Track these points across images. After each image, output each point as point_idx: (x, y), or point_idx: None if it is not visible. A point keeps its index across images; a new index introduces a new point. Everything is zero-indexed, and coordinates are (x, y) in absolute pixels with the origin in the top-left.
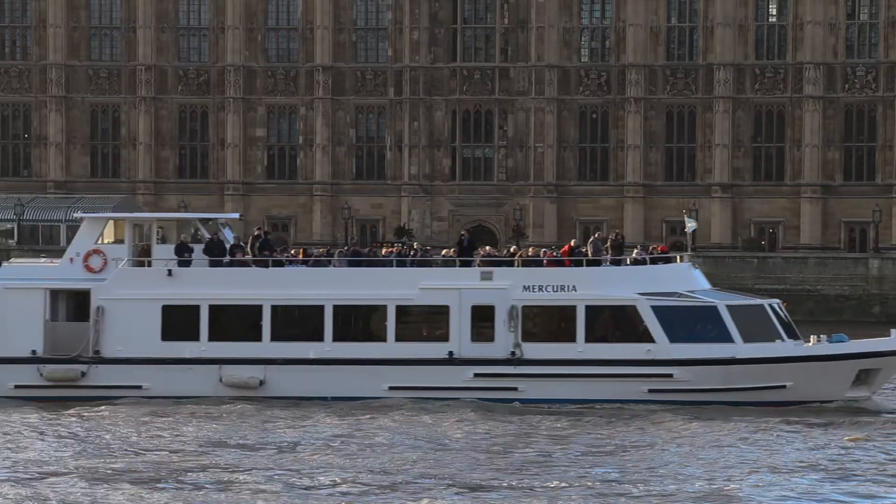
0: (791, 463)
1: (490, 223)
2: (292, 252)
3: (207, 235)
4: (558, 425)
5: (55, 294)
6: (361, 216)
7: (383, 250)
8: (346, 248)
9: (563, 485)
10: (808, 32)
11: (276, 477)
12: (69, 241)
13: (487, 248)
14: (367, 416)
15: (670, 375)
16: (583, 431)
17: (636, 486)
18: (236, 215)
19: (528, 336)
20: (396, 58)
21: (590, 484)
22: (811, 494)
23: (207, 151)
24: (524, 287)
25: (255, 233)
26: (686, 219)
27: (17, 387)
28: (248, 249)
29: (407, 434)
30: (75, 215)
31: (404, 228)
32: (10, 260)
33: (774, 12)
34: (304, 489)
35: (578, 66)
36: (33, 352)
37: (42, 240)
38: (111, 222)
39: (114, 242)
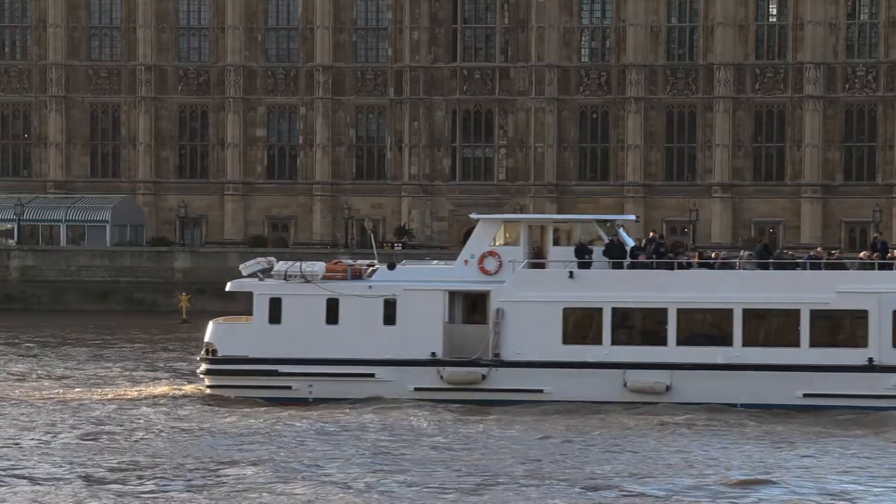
0: None
1: None
2: (687, 255)
3: (605, 238)
4: None
5: (453, 296)
6: (361, 216)
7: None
8: (748, 250)
9: None
10: (808, 32)
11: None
12: (69, 240)
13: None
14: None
15: None
16: None
17: None
18: (633, 217)
19: None
20: (396, 58)
21: None
22: None
23: (207, 151)
24: None
25: (650, 235)
26: None
27: (416, 389)
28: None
29: None
30: (471, 216)
31: (404, 228)
32: (403, 262)
33: (774, 12)
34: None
35: (578, 66)
36: (433, 354)
37: (42, 240)
38: (504, 224)
39: (505, 244)
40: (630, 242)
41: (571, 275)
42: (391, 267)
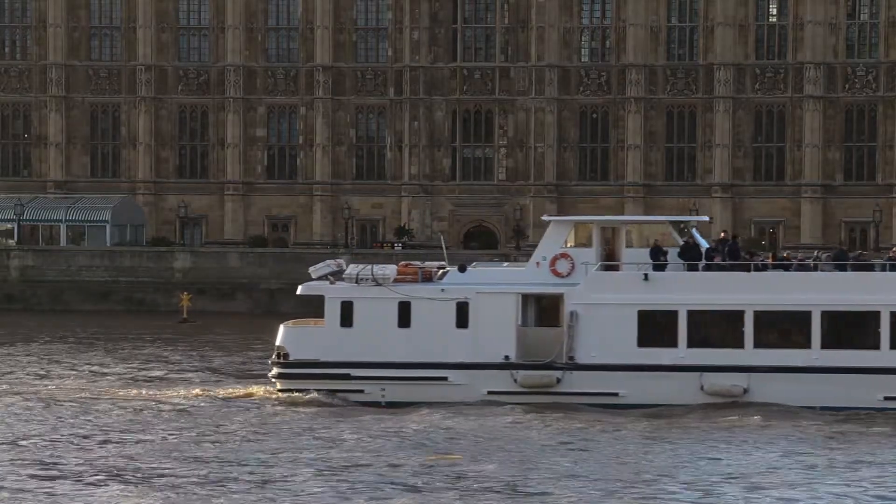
0: None
1: (490, 223)
2: (762, 256)
3: (680, 239)
4: None
5: (525, 298)
6: (361, 216)
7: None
8: (826, 251)
9: None
10: (808, 32)
11: None
12: (69, 240)
13: None
14: None
15: None
16: None
17: None
18: (706, 218)
19: None
20: (396, 58)
21: None
22: None
23: (207, 151)
24: None
25: (721, 236)
26: None
27: (490, 393)
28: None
29: None
30: (543, 218)
31: (404, 228)
32: (474, 264)
33: (775, 12)
34: None
35: (578, 65)
36: (506, 357)
37: (42, 240)
38: (576, 226)
39: (576, 246)
40: (704, 244)
41: (646, 277)
42: (462, 269)
